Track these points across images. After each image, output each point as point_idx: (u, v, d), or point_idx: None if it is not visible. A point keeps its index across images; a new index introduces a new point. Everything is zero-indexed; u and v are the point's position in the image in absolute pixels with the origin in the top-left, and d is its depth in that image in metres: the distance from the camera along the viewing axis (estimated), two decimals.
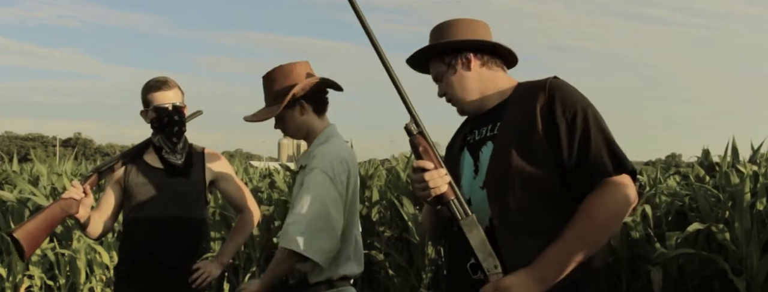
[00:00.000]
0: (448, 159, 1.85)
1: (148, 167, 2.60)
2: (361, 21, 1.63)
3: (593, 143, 1.57)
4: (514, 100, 1.71)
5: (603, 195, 1.54)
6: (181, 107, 2.58)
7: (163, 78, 2.61)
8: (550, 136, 1.59)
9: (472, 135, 1.78)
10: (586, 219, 1.54)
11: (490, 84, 1.78)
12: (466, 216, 1.59)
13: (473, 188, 1.70)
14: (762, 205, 4.08)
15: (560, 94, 1.62)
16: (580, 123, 1.58)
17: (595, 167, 1.56)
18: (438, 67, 1.79)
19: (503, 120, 1.68)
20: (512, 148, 1.61)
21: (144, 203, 2.57)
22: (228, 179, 2.75)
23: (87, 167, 7.83)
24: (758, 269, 3.98)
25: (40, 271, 5.40)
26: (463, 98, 1.78)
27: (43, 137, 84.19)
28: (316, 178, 2.08)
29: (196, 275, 2.57)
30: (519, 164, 1.59)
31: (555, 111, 1.60)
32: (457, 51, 1.77)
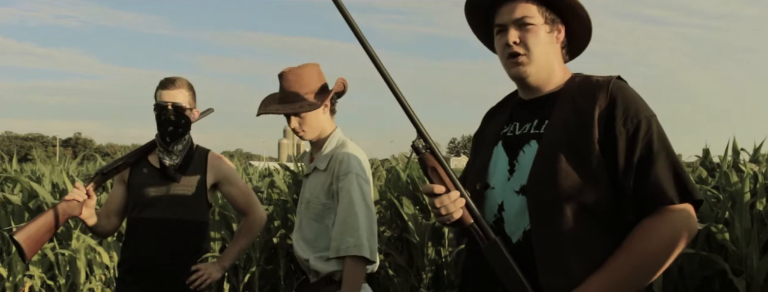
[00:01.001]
0: (476, 151, 1.65)
1: (150, 168, 2.60)
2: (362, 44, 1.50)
3: (657, 164, 1.38)
4: (567, 94, 1.51)
5: (661, 224, 1.36)
6: (181, 108, 2.54)
7: (174, 78, 2.60)
8: (607, 148, 1.40)
9: (510, 128, 1.57)
10: (640, 249, 1.36)
11: (558, 67, 1.56)
12: (487, 241, 1.45)
13: (507, 191, 1.49)
14: (762, 205, 4.08)
15: (623, 100, 1.43)
16: (643, 137, 1.39)
17: (656, 192, 1.37)
18: (532, 13, 1.50)
19: (553, 117, 1.48)
20: (561, 153, 1.41)
21: (144, 204, 2.57)
22: (232, 182, 2.72)
23: (87, 167, 7.83)
24: (758, 269, 3.98)
25: (40, 271, 5.40)
26: (537, 63, 1.51)
27: (43, 137, 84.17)
28: (352, 182, 2.16)
29: (194, 276, 2.56)
30: (568, 174, 1.39)
31: (615, 119, 1.41)
32: (561, 13, 1.53)
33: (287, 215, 5.45)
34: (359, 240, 2.12)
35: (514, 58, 1.51)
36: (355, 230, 2.13)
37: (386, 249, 5.04)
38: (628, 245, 1.37)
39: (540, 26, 1.50)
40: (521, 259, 1.42)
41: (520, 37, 1.50)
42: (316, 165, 2.30)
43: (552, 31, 1.53)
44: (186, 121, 2.57)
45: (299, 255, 2.30)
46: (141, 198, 2.57)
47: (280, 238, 5.35)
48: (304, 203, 2.32)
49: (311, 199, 2.28)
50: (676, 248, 1.37)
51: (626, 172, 1.39)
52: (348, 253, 2.11)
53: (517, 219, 1.46)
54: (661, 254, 1.36)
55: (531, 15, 1.50)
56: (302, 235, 2.31)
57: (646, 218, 1.37)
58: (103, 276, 5.41)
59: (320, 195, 2.25)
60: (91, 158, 10.04)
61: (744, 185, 4.03)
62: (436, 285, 4.99)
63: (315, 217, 2.26)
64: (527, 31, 1.50)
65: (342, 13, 1.48)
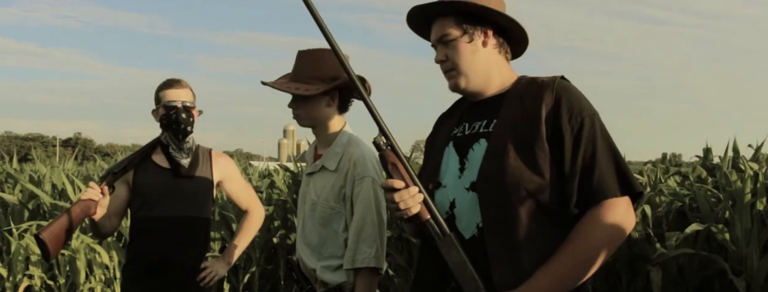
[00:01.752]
0: (430, 153, 1.70)
1: (156, 167, 2.62)
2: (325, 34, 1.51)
3: (600, 159, 1.45)
4: (514, 94, 1.56)
5: (604, 217, 1.42)
6: (191, 107, 2.60)
7: (177, 78, 2.65)
8: (553, 145, 1.46)
9: (460, 128, 1.63)
10: (584, 241, 1.42)
11: (496, 70, 1.61)
12: (443, 236, 1.47)
13: (458, 188, 1.55)
14: (762, 205, 4.07)
15: (567, 99, 1.49)
16: (587, 134, 1.46)
17: (599, 185, 1.43)
18: (449, 29, 1.59)
19: (501, 116, 1.54)
20: (510, 150, 1.47)
21: (153, 203, 2.59)
22: (234, 179, 2.80)
23: (87, 167, 7.82)
24: (758, 269, 3.97)
25: (40, 271, 5.40)
26: (467, 74, 1.59)
27: (43, 137, 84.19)
28: (368, 188, 2.02)
29: (204, 273, 2.61)
30: (516, 169, 1.45)
31: (561, 117, 1.47)
32: (480, 21, 1.59)
33: (287, 215, 5.45)
34: (376, 251, 2.00)
35: (447, 73, 1.62)
36: (372, 241, 2.01)
37: (386, 249, 5.04)
38: (572, 239, 1.43)
39: (459, 40, 1.58)
40: (475, 254, 1.46)
41: (446, 53, 1.60)
42: (323, 164, 2.13)
43: (474, 39, 1.58)
44: (193, 119, 2.62)
45: (304, 263, 2.16)
46: (148, 197, 2.59)
47: (280, 238, 5.35)
48: (309, 205, 2.16)
49: (318, 201, 2.12)
50: (617, 240, 1.44)
51: (572, 167, 1.45)
52: (365, 264, 1.99)
53: (469, 215, 1.51)
54: (603, 246, 1.43)
55: (448, 32, 1.58)
56: (306, 240, 2.15)
57: (589, 211, 1.44)
58: (103, 276, 5.41)
59: (329, 198, 2.09)
60: (90, 158, 10.04)
61: (744, 185, 4.03)
62: None
63: (321, 221, 2.10)
64: (450, 47, 1.59)
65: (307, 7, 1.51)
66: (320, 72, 2.11)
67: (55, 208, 5.62)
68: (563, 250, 1.43)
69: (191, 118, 2.60)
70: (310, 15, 1.50)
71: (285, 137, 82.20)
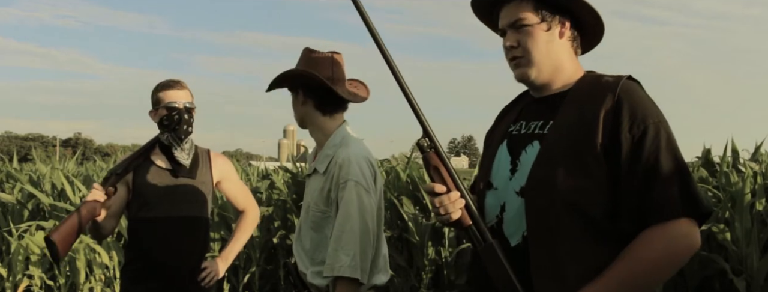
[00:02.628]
0: (486, 150, 1.62)
1: (155, 167, 2.62)
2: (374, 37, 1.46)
3: (662, 173, 1.31)
4: (575, 94, 1.45)
5: (663, 238, 1.30)
6: (191, 108, 2.61)
7: (176, 79, 2.66)
8: (610, 154, 1.34)
9: (516, 126, 1.53)
10: (637, 262, 1.30)
11: (565, 65, 1.49)
12: (484, 243, 1.42)
13: (508, 191, 1.46)
14: (762, 205, 4.07)
15: (630, 103, 1.36)
16: (650, 144, 1.32)
17: (659, 203, 1.30)
18: (526, 14, 1.47)
19: (558, 118, 1.43)
20: (562, 156, 1.37)
21: (152, 203, 2.59)
22: (232, 179, 2.82)
23: (87, 168, 7.82)
24: (758, 269, 3.97)
25: (40, 271, 5.40)
26: (538, 64, 1.47)
27: (43, 137, 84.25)
28: (351, 192, 1.94)
29: (204, 274, 2.61)
30: (567, 178, 1.35)
31: (621, 123, 1.34)
32: (559, 10, 1.48)
33: (287, 215, 5.45)
34: (353, 260, 1.90)
35: (515, 61, 1.50)
36: (350, 249, 1.91)
37: (386, 249, 5.04)
38: (626, 257, 1.32)
39: (536, 26, 1.46)
40: (518, 263, 1.39)
41: (518, 40, 1.48)
42: (315, 166, 2.10)
43: (552, 28, 1.47)
44: (193, 120, 2.63)
45: (300, 268, 2.12)
46: (148, 198, 2.59)
47: (280, 238, 5.35)
48: (304, 208, 2.14)
49: (310, 204, 2.08)
50: (675, 264, 1.32)
51: (629, 181, 1.32)
52: (340, 273, 1.90)
53: (515, 221, 1.43)
54: (659, 269, 1.31)
55: (525, 17, 1.47)
56: (301, 244, 2.12)
57: (647, 230, 1.31)
58: (103, 276, 5.41)
59: (319, 201, 2.04)
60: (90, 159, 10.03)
61: (744, 185, 4.03)
62: (436, 285, 4.98)
63: (313, 225, 2.06)
64: (524, 33, 1.47)
65: (359, 11, 1.47)
66: (317, 71, 2.07)
67: (55, 209, 5.62)
68: (612, 270, 1.31)
69: (192, 119, 2.62)
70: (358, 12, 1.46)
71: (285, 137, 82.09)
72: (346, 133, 2.10)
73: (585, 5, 1.46)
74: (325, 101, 2.09)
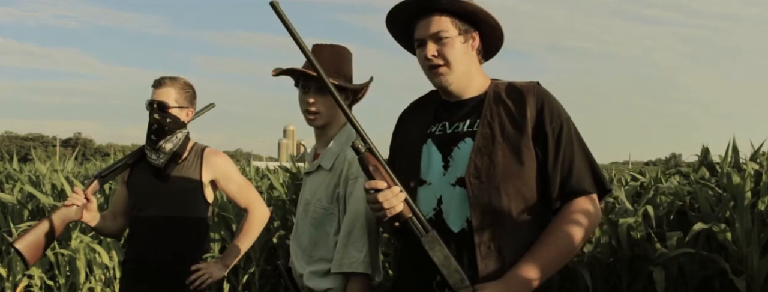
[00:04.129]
0: (401, 150, 1.75)
1: (147, 166, 2.61)
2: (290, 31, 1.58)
3: (577, 159, 1.60)
4: (495, 97, 1.66)
5: (582, 210, 1.57)
6: (165, 106, 2.53)
7: (167, 77, 2.61)
8: (538, 143, 1.60)
9: (438, 127, 1.70)
10: (565, 232, 1.55)
11: (476, 73, 1.71)
12: (426, 233, 1.54)
13: (444, 184, 1.63)
14: (763, 205, 4.07)
15: (548, 104, 1.62)
16: (566, 136, 1.60)
17: (578, 182, 1.58)
18: (446, 26, 1.63)
19: (484, 117, 1.63)
20: (498, 147, 1.58)
21: (144, 203, 2.59)
22: (229, 178, 2.71)
23: (86, 168, 7.82)
24: (759, 269, 3.97)
25: (40, 271, 5.40)
26: (457, 72, 1.65)
27: (43, 137, 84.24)
28: (362, 188, 1.85)
29: (194, 276, 2.54)
30: (505, 165, 1.57)
31: (544, 120, 1.60)
32: (474, 23, 1.67)
33: (286, 215, 5.44)
34: (365, 256, 1.88)
35: (436, 70, 1.65)
36: (362, 245, 1.89)
37: (385, 249, 5.04)
38: (554, 229, 1.56)
39: (455, 38, 1.63)
40: (464, 247, 1.56)
41: (438, 50, 1.64)
42: (320, 163, 2.05)
43: (467, 40, 1.66)
44: (173, 120, 2.56)
45: (295, 267, 2.06)
46: (140, 197, 2.59)
47: (279, 238, 5.34)
48: (303, 205, 2.08)
49: (311, 201, 2.03)
50: (591, 231, 1.59)
51: (554, 165, 1.59)
52: (352, 269, 1.88)
53: (457, 210, 1.59)
54: (580, 236, 1.56)
55: (445, 29, 1.63)
56: (299, 242, 2.06)
57: (567, 204, 1.58)
58: (103, 276, 5.40)
59: (322, 198, 2.00)
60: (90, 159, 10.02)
61: (745, 184, 4.02)
62: None
63: (314, 222, 2.01)
64: (444, 44, 1.63)
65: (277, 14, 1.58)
66: (343, 69, 2.04)
67: (55, 209, 5.62)
68: (546, 240, 1.55)
69: (167, 119, 2.54)
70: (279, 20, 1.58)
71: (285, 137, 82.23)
72: (351, 132, 2.05)
73: (494, 23, 1.65)
74: (353, 101, 2.10)
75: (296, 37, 1.56)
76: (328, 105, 2.01)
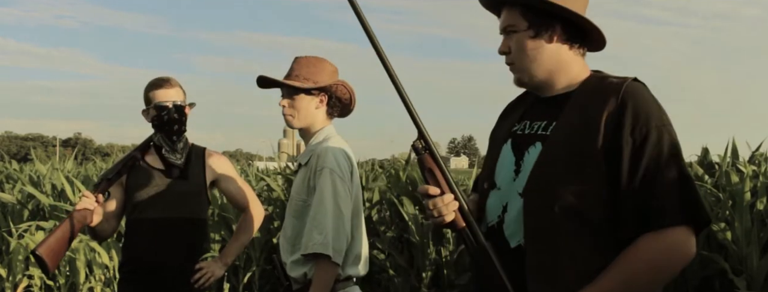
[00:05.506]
0: (490, 149, 1.59)
1: (148, 168, 2.60)
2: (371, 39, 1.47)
3: (663, 179, 1.29)
4: (579, 95, 1.43)
5: (658, 246, 1.29)
6: (182, 106, 2.58)
7: (166, 77, 2.62)
8: (611, 157, 1.32)
9: (521, 126, 1.52)
10: (629, 270, 1.29)
11: (565, 67, 1.48)
12: (476, 245, 1.43)
13: (512, 192, 1.45)
14: (762, 204, 4.07)
15: (634, 105, 1.33)
16: (652, 149, 1.30)
17: (658, 210, 1.28)
18: (515, 20, 1.48)
19: (561, 119, 1.42)
20: (562, 159, 1.36)
21: (145, 204, 2.57)
22: (229, 179, 2.74)
23: (86, 168, 7.82)
24: (758, 269, 3.97)
25: (40, 271, 5.40)
26: (528, 69, 1.48)
27: (43, 137, 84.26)
28: (326, 178, 2.09)
29: (198, 275, 2.58)
30: (566, 181, 1.34)
31: (623, 126, 1.32)
32: (547, 15, 1.46)
33: None
34: (325, 238, 2.04)
35: (509, 67, 1.52)
36: (323, 228, 2.05)
37: (387, 249, 5.04)
38: (620, 263, 1.30)
39: (523, 33, 1.47)
40: (517, 264, 1.39)
41: (509, 45, 1.50)
42: (300, 160, 2.26)
43: (539, 33, 1.46)
44: (185, 118, 2.60)
45: (283, 259, 2.24)
46: (141, 199, 2.57)
47: (279, 238, 5.35)
48: (290, 201, 2.27)
49: (293, 195, 2.23)
50: (669, 273, 1.31)
51: (628, 185, 1.30)
52: (314, 250, 2.04)
53: (516, 222, 1.42)
54: (652, 277, 1.30)
55: (513, 22, 1.48)
56: (284, 233, 2.25)
57: (643, 237, 1.30)
58: (103, 276, 5.41)
59: (301, 191, 2.19)
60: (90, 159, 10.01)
61: (744, 184, 4.02)
62: (437, 285, 4.98)
63: (295, 214, 2.20)
64: (512, 39, 1.49)
65: (355, 11, 1.47)
66: (316, 76, 2.23)
67: (55, 209, 5.62)
68: (605, 276, 1.30)
69: (184, 118, 2.58)
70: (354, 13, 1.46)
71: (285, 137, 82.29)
72: (330, 132, 2.26)
73: (568, 11, 1.44)
74: (332, 107, 2.29)
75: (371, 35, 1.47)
76: (299, 107, 2.22)
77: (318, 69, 2.24)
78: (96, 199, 2.46)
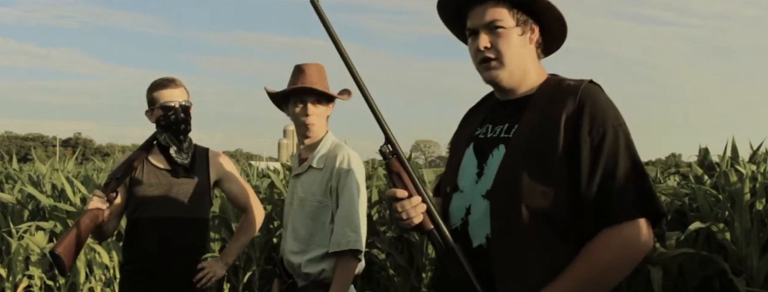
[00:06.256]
0: (453, 153, 1.63)
1: (152, 168, 2.61)
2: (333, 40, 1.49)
3: (620, 175, 1.34)
4: (538, 98, 1.47)
5: (619, 239, 1.33)
6: (188, 106, 2.59)
7: (170, 77, 2.63)
8: (571, 156, 1.37)
9: (483, 130, 1.55)
10: (592, 264, 1.34)
11: (533, 69, 1.51)
12: (445, 247, 1.44)
13: (475, 194, 1.48)
14: (761, 205, 4.07)
15: (591, 107, 1.38)
16: (609, 148, 1.35)
17: (617, 205, 1.33)
18: (502, 16, 1.46)
19: (522, 122, 1.45)
20: (525, 160, 1.40)
21: (149, 204, 2.58)
22: (231, 179, 2.77)
23: (86, 168, 7.82)
24: (758, 269, 3.98)
25: (40, 271, 5.40)
26: (510, 67, 1.48)
27: (43, 137, 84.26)
28: (353, 180, 2.25)
29: (199, 274, 2.59)
30: (530, 182, 1.37)
31: (581, 126, 1.37)
32: (534, 14, 1.48)
33: None
34: (358, 235, 2.21)
35: (486, 64, 1.49)
36: (355, 225, 2.22)
37: (387, 249, 5.05)
38: (584, 258, 1.35)
39: (511, 29, 1.47)
40: (481, 264, 1.41)
41: (491, 41, 1.47)
42: (311, 164, 2.32)
43: (525, 32, 1.49)
44: (190, 118, 2.62)
45: (288, 258, 2.31)
46: (144, 198, 2.58)
47: (279, 238, 5.35)
48: (297, 202, 2.33)
49: (306, 197, 2.30)
50: (630, 264, 1.36)
51: (588, 183, 1.35)
52: (349, 247, 2.18)
53: (480, 223, 1.45)
54: (615, 269, 1.35)
55: (501, 18, 1.46)
56: (295, 234, 2.31)
57: (604, 231, 1.34)
58: (103, 276, 5.41)
59: (316, 193, 2.28)
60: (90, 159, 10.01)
61: (744, 184, 4.03)
62: None
63: (311, 215, 2.28)
64: (498, 35, 1.47)
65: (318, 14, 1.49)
66: (327, 84, 2.35)
67: (55, 209, 5.62)
68: (569, 271, 1.35)
69: (189, 118, 2.60)
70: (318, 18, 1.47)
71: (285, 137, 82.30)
72: (335, 138, 2.40)
73: (557, 14, 1.47)
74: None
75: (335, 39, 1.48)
76: (321, 117, 2.35)
77: (325, 78, 2.35)
78: (107, 198, 2.47)
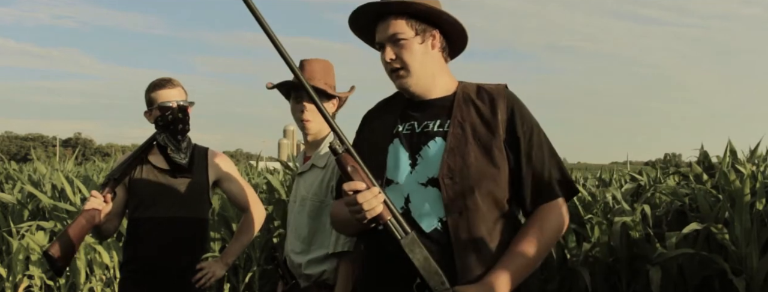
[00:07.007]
0: (366, 151, 1.65)
1: (152, 167, 2.61)
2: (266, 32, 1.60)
3: (548, 163, 1.63)
4: (465, 99, 1.66)
5: (555, 212, 1.62)
6: (185, 106, 2.59)
7: (167, 78, 2.64)
8: (510, 146, 1.61)
9: (406, 126, 1.68)
10: (542, 233, 1.59)
11: (441, 72, 1.69)
12: (406, 235, 1.50)
13: (411, 184, 1.62)
14: (761, 205, 4.07)
15: (519, 109, 1.65)
16: (537, 141, 1.63)
17: (550, 187, 1.62)
18: (402, 28, 1.63)
19: (455, 117, 1.63)
20: (471, 148, 1.59)
21: (148, 203, 2.58)
22: (231, 179, 2.76)
23: (86, 167, 7.82)
24: (758, 269, 3.97)
25: (40, 271, 5.40)
26: (417, 74, 1.64)
27: (43, 137, 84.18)
28: None
29: (199, 274, 2.59)
30: (479, 166, 1.58)
31: (516, 124, 1.62)
32: (431, 23, 1.65)
33: (286, 215, 5.44)
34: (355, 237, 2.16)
35: (396, 73, 1.66)
36: None
37: None
38: (530, 231, 1.59)
39: (411, 39, 1.62)
40: (436, 247, 1.54)
41: (396, 53, 1.63)
42: (313, 162, 2.29)
43: (425, 40, 1.64)
44: (188, 118, 2.62)
45: (291, 259, 2.28)
46: (144, 198, 2.58)
47: (279, 238, 5.35)
48: (299, 201, 2.29)
49: (307, 196, 2.26)
50: (560, 233, 1.65)
51: (527, 169, 1.61)
52: (345, 248, 2.12)
53: (429, 209, 1.58)
54: (555, 237, 1.63)
55: (401, 31, 1.62)
56: (297, 234, 2.28)
57: (542, 207, 1.62)
58: (103, 276, 5.41)
59: (317, 192, 2.24)
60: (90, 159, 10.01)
61: (744, 185, 4.03)
62: None
63: (312, 214, 2.24)
64: (401, 46, 1.63)
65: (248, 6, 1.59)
66: (332, 80, 2.31)
67: (55, 209, 5.63)
68: (523, 241, 1.57)
69: (187, 117, 2.60)
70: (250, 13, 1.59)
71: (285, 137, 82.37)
72: None
73: (451, 20, 1.63)
74: (338, 108, 2.38)
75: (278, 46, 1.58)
76: (317, 112, 2.24)
77: (331, 74, 2.29)
78: (104, 198, 2.47)
